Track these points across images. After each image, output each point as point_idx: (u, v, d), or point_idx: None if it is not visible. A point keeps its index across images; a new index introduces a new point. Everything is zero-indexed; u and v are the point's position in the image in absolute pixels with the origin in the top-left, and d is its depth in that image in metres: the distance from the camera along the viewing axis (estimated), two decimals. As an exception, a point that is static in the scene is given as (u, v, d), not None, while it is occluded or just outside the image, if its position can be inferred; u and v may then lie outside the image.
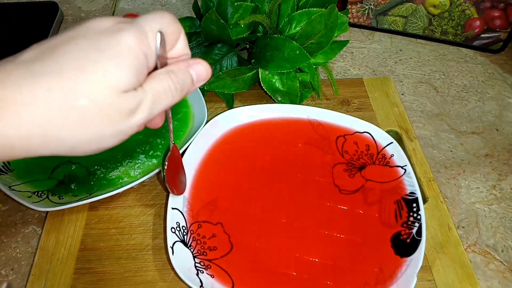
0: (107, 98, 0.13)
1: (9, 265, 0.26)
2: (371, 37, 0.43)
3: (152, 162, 0.30)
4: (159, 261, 0.26)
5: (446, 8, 0.40)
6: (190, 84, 0.16)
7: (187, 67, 0.16)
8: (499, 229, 0.28)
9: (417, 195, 0.26)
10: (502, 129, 0.35)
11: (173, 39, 0.15)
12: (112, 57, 0.13)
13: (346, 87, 0.36)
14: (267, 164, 0.29)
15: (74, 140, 0.13)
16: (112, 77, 0.13)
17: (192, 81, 0.16)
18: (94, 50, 0.13)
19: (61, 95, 0.12)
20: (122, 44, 0.13)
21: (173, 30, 0.15)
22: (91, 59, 0.13)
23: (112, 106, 0.13)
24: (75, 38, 0.13)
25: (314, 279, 0.24)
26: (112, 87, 0.13)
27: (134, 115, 0.14)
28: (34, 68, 0.12)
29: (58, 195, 0.28)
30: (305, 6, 0.32)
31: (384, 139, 0.29)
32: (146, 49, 0.14)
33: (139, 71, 0.14)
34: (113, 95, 0.13)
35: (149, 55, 0.14)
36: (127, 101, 0.13)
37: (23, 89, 0.12)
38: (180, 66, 0.15)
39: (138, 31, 0.14)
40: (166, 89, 0.15)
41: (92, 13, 0.46)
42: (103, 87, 0.13)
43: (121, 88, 0.13)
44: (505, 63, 0.40)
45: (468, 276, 0.25)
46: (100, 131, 0.13)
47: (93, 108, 0.13)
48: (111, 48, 0.13)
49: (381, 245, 0.25)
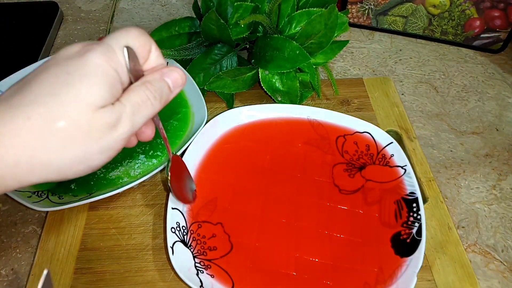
0: (83, 116, 0.13)
1: (9, 265, 0.26)
2: (371, 37, 0.43)
3: (152, 162, 0.30)
4: (159, 261, 0.26)
5: (446, 8, 0.40)
6: (167, 92, 0.16)
7: (162, 75, 0.16)
8: (499, 229, 0.28)
9: (417, 195, 0.26)
10: (502, 129, 0.35)
11: (144, 51, 0.16)
12: (82, 77, 0.14)
13: (346, 87, 0.36)
14: (267, 164, 0.29)
15: (60, 162, 0.14)
16: (84, 96, 0.14)
17: (169, 88, 0.16)
18: (64, 74, 0.14)
19: (39, 121, 0.13)
20: (90, 63, 0.14)
21: (142, 42, 0.15)
22: (62, 83, 0.13)
23: (90, 123, 0.14)
24: (48, 67, 0.14)
25: (314, 279, 0.24)
26: (87, 104, 0.14)
27: (117, 129, 0.14)
28: (13, 102, 0.13)
29: (58, 195, 0.28)
30: (305, 6, 0.32)
31: (384, 139, 0.29)
32: (115, 65, 0.14)
33: (112, 86, 0.14)
34: (89, 112, 0.14)
35: (120, 70, 0.14)
36: (105, 116, 0.14)
37: (5, 122, 0.13)
38: (155, 76, 0.16)
39: (104, 49, 0.14)
40: (144, 99, 0.15)
41: (92, 13, 0.46)
42: (77, 107, 0.13)
43: (96, 104, 0.14)
44: (505, 63, 0.40)
45: (468, 276, 0.25)
46: (85, 149, 0.14)
47: (72, 128, 0.13)
48: (80, 69, 0.14)
49: (381, 245, 0.25)
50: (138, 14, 0.46)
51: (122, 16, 0.46)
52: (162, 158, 0.30)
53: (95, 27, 0.44)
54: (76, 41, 0.42)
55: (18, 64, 0.34)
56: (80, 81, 0.14)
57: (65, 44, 0.42)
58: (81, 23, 0.44)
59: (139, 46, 0.15)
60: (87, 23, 0.45)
